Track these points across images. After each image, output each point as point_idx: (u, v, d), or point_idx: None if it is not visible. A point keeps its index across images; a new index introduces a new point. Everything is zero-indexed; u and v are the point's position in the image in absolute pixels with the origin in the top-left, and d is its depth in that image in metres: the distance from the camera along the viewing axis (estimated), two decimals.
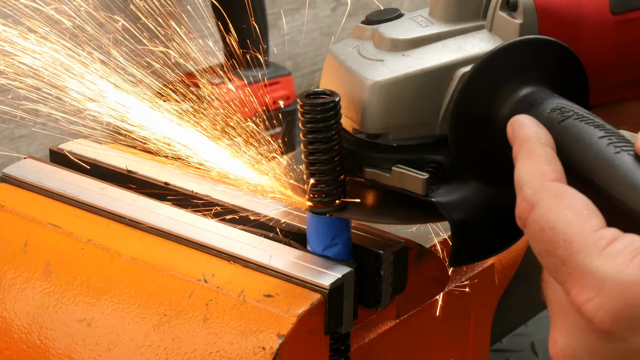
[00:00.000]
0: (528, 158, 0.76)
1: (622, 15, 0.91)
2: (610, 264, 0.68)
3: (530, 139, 0.77)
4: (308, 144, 0.91)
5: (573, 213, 0.71)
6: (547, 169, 0.75)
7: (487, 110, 0.85)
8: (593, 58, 0.91)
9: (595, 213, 0.71)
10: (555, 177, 0.74)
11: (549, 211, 0.72)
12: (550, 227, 0.71)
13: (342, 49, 0.94)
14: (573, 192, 0.73)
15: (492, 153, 0.86)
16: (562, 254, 0.70)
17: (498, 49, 0.85)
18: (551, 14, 0.90)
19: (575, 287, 0.69)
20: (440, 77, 0.89)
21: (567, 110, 0.80)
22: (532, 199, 0.73)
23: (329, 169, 0.92)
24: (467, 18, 0.92)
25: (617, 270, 0.67)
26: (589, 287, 0.68)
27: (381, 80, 0.89)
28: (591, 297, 0.68)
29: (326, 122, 0.90)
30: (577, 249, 0.69)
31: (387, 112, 0.89)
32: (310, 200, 0.94)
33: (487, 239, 0.92)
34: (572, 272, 0.69)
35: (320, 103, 0.89)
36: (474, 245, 0.92)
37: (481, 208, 0.91)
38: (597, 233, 0.70)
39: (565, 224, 0.71)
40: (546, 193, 0.73)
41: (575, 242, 0.70)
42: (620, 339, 0.68)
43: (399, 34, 0.91)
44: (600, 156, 0.75)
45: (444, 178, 0.91)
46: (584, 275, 0.69)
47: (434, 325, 1.11)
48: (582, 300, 0.69)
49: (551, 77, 0.86)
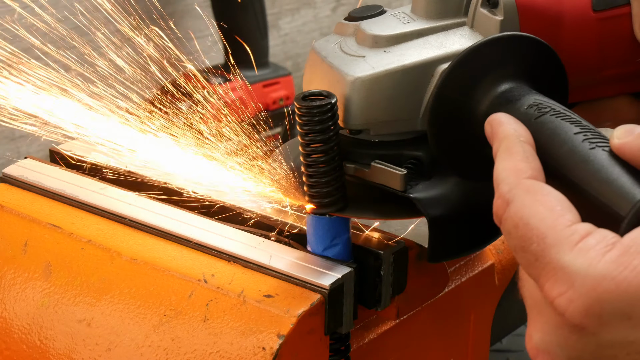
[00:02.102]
0: (506, 155, 0.77)
1: (603, 12, 0.92)
2: (582, 259, 0.68)
3: (508, 137, 0.78)
4: (306, 146, 0.91)
5: (546, 209, 0.72)
6: (523, 167, 0.75)
7: (466, 106, 0.86)
8: (575, 55, 0.91)
9: (570, 209, 0.72)
10: (531, 174, 0.75)
11: (523, 207, 0.72)
12: (524, 223, 0.72)
13: (324, 45, 0.95)
14: (548, 189, 0.73)
15: (471, 148, 0.87)
16: (536, 249, 0.71)
17: (476, 46, 0.85)
18: (532, 11, 0.90)
19: (548, 282, 0.70)
20: (421, 73, 0.90)
21: (544, 106, 0.81)
22: (508, 196, 0.74)
23: (328, 170, 0.92)
24: (449, 15, 0.93)
25: (588, 265, 0.68)
26: (561, 281, 0.69)
27: (362, 76, 0.89)
28: (563, 291, 0.69)
29: (324, 124, 0.90)
30: (550, 244, 0.70)
31: (368, 108, 0.90)
32: (310, 201, 0.94)
33: (466, 236, 0.93)
34: (545, 267, 0.70)
35: (317, 105, 0.89)
36: (452, 241, 0.92)
37: (460, 204, 0.91)
38: (570, 228, 0.70)
39: (539, 219, 0.71)
40: (521, 190, 0.74)
41: (548, 237, 0.70)
42: (591, 334, 0.69)
43: (380, 31, 0.92)
44: (575, 152, 0.76)
45: (423, 174, 0.91)
46: (557, 270, 0.69)
47: (434, 325, 1.11)
48: (554, 295, 0.69)
49: (530, 73, 0.86)
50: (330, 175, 0.92)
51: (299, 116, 0.91)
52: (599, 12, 0.92)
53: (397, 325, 1.06)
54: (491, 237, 0.94)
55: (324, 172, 0.92)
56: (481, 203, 0.89)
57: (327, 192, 0.93)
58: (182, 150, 1.08)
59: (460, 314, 1.14)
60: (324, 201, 0.93)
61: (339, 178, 0.93)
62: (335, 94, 0.90)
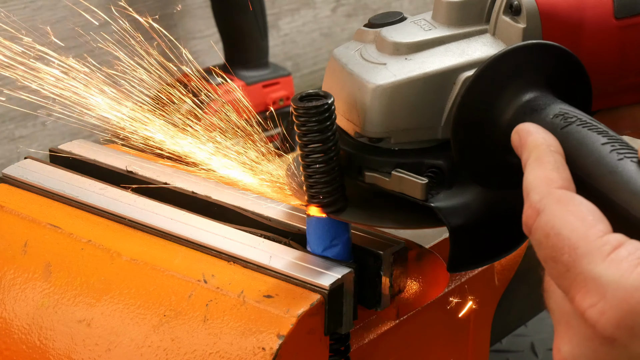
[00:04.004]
0: (537, 165, 0.76)
1: (625, 20, 0.91)
2: (613, 270, 0.68)
3: (539, 146, 0.77)
4: (304, 147, 0.91)
5: (578, 219, 0.71)
6: (554, 176, 0.75)
7: (489, 115, 0.85)
8: (596, 62, 0.90)
9: (601, 219, 0.71)
10: (562, 184, 0.74)
11: (554, 217, 0.72)
12: (556, 233, 0.71)
13: (344, 52, 0.94)
14: (579, 199, 0.72)
15: (494, 157, 0.86)
16: (567, 260, 0.70)
17: (500, 54, 0.84)
18: (554, 18, 0.89)
19: (579, 293, 0.69)
20: (443, 81, 0.89)
21: (570, 116, 0.80)
22: (538, 206, 0.73)
23: (326, 171, 0.91)
24: (470, 22, 0.92)
25: (620, 276, 0.67)
26: (592, 292, 0.68)
27: (383, 84, 0.89)
28: (594, 302, 0.68)
29: (321, 124, 0.90)
30: (582, 255, 0.69)
31: (389, 116, 0.89)
32: (310, 202, 0.94)
33: (486, 246, 0.92)
34: (577, 278, 0.69)
35: (314, 106, 0.89)
36: (472, 251, 0.91)
37: (481, 214, 0.91)
38: (602, 239, 0.69)
39: (570, 230, 0.70)
40: (552, 200, 0.73)
41: (579, 248, 0.69)
42: (622, 346, 0.68)
43: (401, 38, 0.91)
44: (602, 163, 0.75)
45: (444, 183, 0.90)
46: (588, 281, 0.68)
47: (434, 325, 1.11)
48: (585, 306, 0.68)
49: (554, 82, 0.85)
50: (329, 175, 0.92)
51: (296, 117, 0.90)
52: (621, 20, 0.91)
53: (397, 325, 1.06)
54: (511, 247, 0.93)
55: (322, 172, 0.91)
56: (501, 212, 0.89)
57: (326, 192, 0.92)
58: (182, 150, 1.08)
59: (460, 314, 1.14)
60: (324, 201, 0.93)
61: (338, 178, 0.93)
62: (355, 102, 0.90)
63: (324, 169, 0.91)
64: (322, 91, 0.90)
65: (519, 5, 0.89)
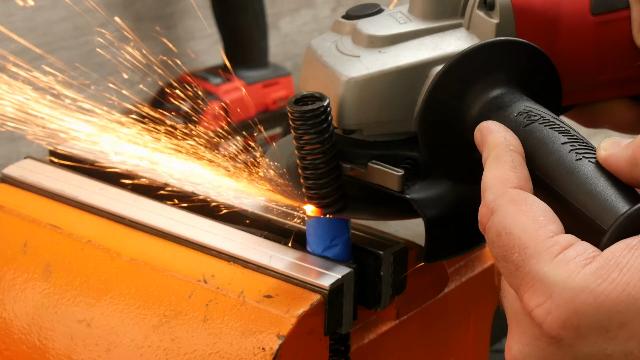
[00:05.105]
0: (494, 164, 0.77)
1: (602, 15, 0.91)
2: (561, 270, 0.68)
3: (498, 145, 0.78)
4: (301, 149, 0.91)
5: (529, 219, 0.71)
6: (510, 176, 0.75)
7: (457, 110, 0.86)
8: (572, 59, 0.91)
9: (553, 220, 0.71)
10: (518, 184, 0.75)
11: (506, 217, 0.72)
12: (507, 233, 0.72)
13: (321, 43, 0.94)
14: (532, 199, 0.73)
15: (461, 152, 0.86)
16: (517, 259, 0.70)
17: (468, 50, 0.85)
18: (528, 14, 0.90)
19: (527, 293, 0.70)
20: (415, 74, 0.89)
21: (533, 114, 0.80)
22: (492, 205, 0.74)
23: (324, 172, 0.91)
24: (445, 16, 0.92)
25: (567, 277, 0.68)
26: (540, 292, 0.69)
27: (356, 77, 0.89)
28: (541, 302, 0.69)
29: (317, 127, 0.90)
30: (531, 255, 0.70)
31: (362, 109, 0.90)
32: (309, 202, 0.94)
33: (462, 235, 0.93)
34: (525, 278, 0.70)
35: (309, 109, 0.89)
36: (448, 241, 0.92)
37: (456, 204, 0.91)
38: (552, 239, 0.70)
39: (521, 229, 0.71)
40: (505, 199, 0.73)
41: (529, 247, 0.70)
42: (568, 346, 0.68)
43: (376, 30, 0.92)
44: (560, 162, 0.75)
45: (419, 174, 0.91)
46: (535, 281, 0.69)
47: (434, 325, 1.11)
48: (532, 306, 0.69)
49: (523, 78, 0.86)
50: (327, 176, 0.92)
51: (292, 120, 0.90)
52: (598, 16, 0.91)
53: (397, 325, 1.06)
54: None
55: (320, 174, 0.92)
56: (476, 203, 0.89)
57: (325, 193, 0.92)
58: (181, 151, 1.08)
59: (460, 314, 1.14)
60: (323, 202, 0.93)
61: (337, 178, 0.93)
62: (329, 94, 0.90)
63: (322, 170, 0.91)
64: (317, 93, 0.90)
65: (493, 0, 0.89)
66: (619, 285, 0.67)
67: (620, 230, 0.70)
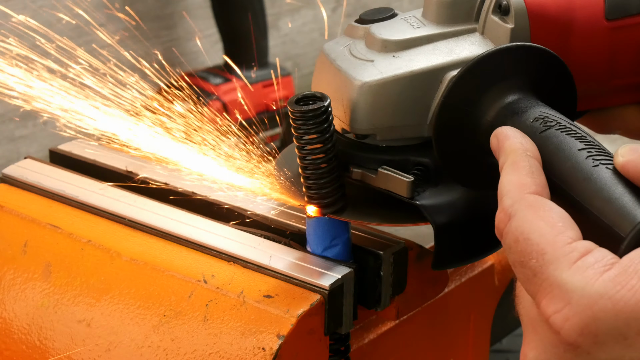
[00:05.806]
0: (512, 170, 0.76)
1: (616, 21, 0.91)
2: (579, 277, 0.68)
3: (515, 151, 0.77)
4: (302, 149, 0.91)
5: (548, 225, 0.71)
6: (528, 181, 0.75)
7: (471, 115, 0.85)
8: (585, 64, 0.90)
9: (571, 226, 0.71)
10: (535, 189, 0.74)
11: (524, 222, 0.72)
12: (525, 238, 0.71)
13: (333, 47, 0.94)
14: (550, 205, 0.73)
15: (475, 158, 0.86)
16: (534, 265, 0.70)
17: (483, 56, 0.84)
18: (543, 19, 0.89)
19: (544, 299, 0.69)
20: (429, 79, 0.89)
21: (549, 120, 0.80)
22: (510, 210, 0.73)
23: (324, 172, 0.91)
24: (460, 20, 0.92)
25: (585, 284, 0.67)
26: (558, 299, 0.68)
27: (370, 81, 0.89)
28: (559, 309, 0.68)
29: (318, 127, 0.89)
30: (549, 261, 0.69)
31: (375, 113, 0.89)
32: (309, 202, 0.94)
33: (471, 243, 0.92)
34: (543, 284, 0.69)
35: (310, 109, 0.89)
36: (458, 248, 0.91)
37: (466, 212, 0.91)
38: (570, 246, 0.69)
39: (539, 235, 0.71)
40: (523, 205, 0.73)
41: (547, 253, 0.70)
42: (585, 352, 0.68)
43: (390, 35, 0.91)
44: (578, 169, 0.75)
45: (430, 180, 0.90)
46: (553, 287, 0.69)
47: (434, 325, 1.11)
48: (550, 312, 0.69)
49: (538, 84, 0.85)
50: (328, 176, 0.92)
51: (293, 120, 0.90)
52: (612, 21, 0.90)
53: (397, 325, 1.06)
54: (496, 245, 0.93)
55: (321, 174, 0.91)
56: (487, 211, 0.89)
57: (325, 193, 0.92)
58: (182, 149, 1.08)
59: (460, 314, 1.14)
60: (323, 202, 0.93)
61: (337, 178, 0.92)
62: (342, 98, 0.89)
63: (322, 170, 0.91)
64: (319, 92, 0.90)
65: (508, 5, 0.89)
66: (637, 292, 0.66)
67: (639, 237, 0.69)
